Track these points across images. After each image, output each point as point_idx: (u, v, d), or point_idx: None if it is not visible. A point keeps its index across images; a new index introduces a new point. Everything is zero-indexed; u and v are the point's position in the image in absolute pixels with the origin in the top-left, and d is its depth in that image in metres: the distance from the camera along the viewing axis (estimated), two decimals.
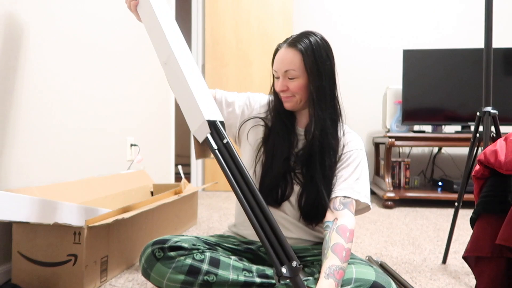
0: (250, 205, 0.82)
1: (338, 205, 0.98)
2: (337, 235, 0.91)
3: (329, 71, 1.03)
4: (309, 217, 1.04)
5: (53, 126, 1.42)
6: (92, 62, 1.68)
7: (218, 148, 0.86)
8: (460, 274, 1.35)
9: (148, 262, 0.95)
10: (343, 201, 0.98)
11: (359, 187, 1.01)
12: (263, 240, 0.80)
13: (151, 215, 1.52)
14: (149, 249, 0.96)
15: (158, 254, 0.95)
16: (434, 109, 2.84)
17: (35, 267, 1.12)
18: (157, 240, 0.98)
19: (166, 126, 2.61)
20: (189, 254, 0.96)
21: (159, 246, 0.96)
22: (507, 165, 0.96)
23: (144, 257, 0.97)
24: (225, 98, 1.14)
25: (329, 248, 0.89)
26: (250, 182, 0.83)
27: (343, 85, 3.48)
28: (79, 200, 1.40)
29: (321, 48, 1.02)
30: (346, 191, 0.99)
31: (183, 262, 0.94)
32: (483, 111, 1.36)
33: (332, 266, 0.85)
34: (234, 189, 0.83)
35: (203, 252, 0.98)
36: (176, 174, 3.41)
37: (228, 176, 0.84)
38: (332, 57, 1.04)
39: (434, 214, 2.44)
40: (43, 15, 1.36)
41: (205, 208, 2.55)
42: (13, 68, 1.23)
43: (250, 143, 1.11)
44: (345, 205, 0.98)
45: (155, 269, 0.94)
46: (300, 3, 3.56)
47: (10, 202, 1.09)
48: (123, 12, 1.94)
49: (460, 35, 3.38)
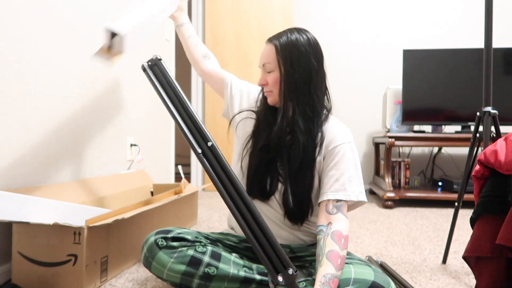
0: (241, 212, 0.81)
1: (331, 208, 0.95)
2: (332, 242, 0.89)
3: (305, 66, 0.99)
4: (292, 216, 1.03)
5: (53, 126, 1.42)
6: (92, 61, 1.68)
7: (203, 151, 0.84)
8: (460, 274, 1.35)
9: (150, 251, 0.95)
10: (336, 205, 0.96)
11: (352, 186, 0.97)
12: (256, 248, 0.78)
13: (151, 215, 1.52)
14: (152, 238, 0.97)
15: (161, 243, 0.95)
16: (434, 109, 2.84)
17: (35, 267, 1.12)
18: (160, 230, 0.98)
19: (166, 126, 2.61)
20: (192, 245, 0.96)
21: (162, 236, 0.96)
22: (507, 165, 0.96)
23: (146, 245, 0.97)
24: (233, 81, 1.21)
25: (324, 255, 0.88)
26: (240, 188, 0.82)
27: (343, 85, 3.48)
28: (79, 200, 1.40)
29: (299, 44, 1.00)
30: (339, 194, 0.96)
31: (185, 252, 0.94)
32: (483, 111, 1.36)
33: (327, 274, 0.84)
34: (222, 196, 0.82)
35: (205, 245, 0.98)
36: (176, 174, 3.41)
37: (215, 182, 0.82)
38: (317, 54, 1.02)
39: (434, 214, 2.44)
40: (42, 15, 1.36)
41: (205, 208, 2.55)
42: (13, 67, 1.23)
43: (238, 135, 1.13)
44: (338, 209, 0.95)
45: (157, 257, 0.94)
46: (300, 3, 3.55)
47: (10, 202, 1.09)
48: (122, 12, 1.94)
49: (460, 35, 3.38)
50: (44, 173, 1.37)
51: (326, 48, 3.46)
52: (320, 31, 3.50)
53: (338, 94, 3.48)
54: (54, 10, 1.42)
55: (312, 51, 1.01)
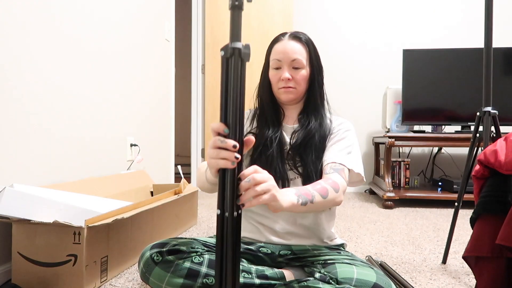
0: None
1: (328, 170, 0.98)
2: (319, 180, 0.94)
3: (321, 66, 1.09)
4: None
5: (53, 126, 1.42)
6: (92, 62, 1.68)
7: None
8: (460, 274, 1.35)
9: (146, 266, 0.95)
10: (334, 167, 0.98)
11: (351, 158, 1.02)
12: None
13: (151, 215, 1.52)
14: (148, 253, 0.96)
15: (157, 258, 0.95)
16: (434, 109, 2.84)
17: (35, 267, 1.12)
18: (155, 244, 0.98)
19: (166, 126, 2.61)
20: (188, 257, 0.96)
21: (158, 250, 0.96)
22: (507, 165, 0.96)
23: (142, 261, 0.96)
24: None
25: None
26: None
27: (343, 85, 3.48)
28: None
29: (314, 45, 1.08)
30: (338, 158, 1.00)
31: (181, 265, 0.94)
32: (483, 111, 1.36)
33: (302, 187, 0.89)
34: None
35: (201, 255, 0.97)
36: (176, 174, 3.41)
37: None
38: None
39: (434, 214, 2.44)
40: (42, 16, 1.36)
41: (205, 208, 2.55)
42: (12, 69, 1.23)
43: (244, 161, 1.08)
44: (336, 170, 0.98)
45: (153, 273, 0.94)
46: (300, 3, 3.55)
47: (15, 199, 1.10)
48: (122, 13, 1.94)
49: (460, 35, 3.37)
50: (44, 173, 1.37)
51: (326, 48, 3.47)
52: (320, 31, 3.50)
53: (338, 94, 3.48)
54: (52, 10, 1.42)
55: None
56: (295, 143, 1.04)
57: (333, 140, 1.05)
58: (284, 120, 1.10)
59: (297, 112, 1.10)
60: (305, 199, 0.85)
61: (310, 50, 1.05)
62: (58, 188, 1.35)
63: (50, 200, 1.18)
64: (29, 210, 1.13)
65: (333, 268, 0.94)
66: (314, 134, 1.03)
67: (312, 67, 1.06)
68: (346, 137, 1.05)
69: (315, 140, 1.03)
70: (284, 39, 1.05)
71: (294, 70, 1.03)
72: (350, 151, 1.03)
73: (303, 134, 1.04)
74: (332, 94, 3.59)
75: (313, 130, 1.04)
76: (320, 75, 1.08)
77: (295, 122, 1.10)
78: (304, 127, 1.05)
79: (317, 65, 1.07)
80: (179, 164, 2.65)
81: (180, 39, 4.45)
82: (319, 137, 1.04)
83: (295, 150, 1.04)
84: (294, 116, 1.10)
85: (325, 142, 1.05)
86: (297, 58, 1.02)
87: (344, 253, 1.06)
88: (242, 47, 0.67)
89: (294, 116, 1.10)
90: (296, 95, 1.06)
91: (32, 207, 1.14)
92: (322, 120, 1.07)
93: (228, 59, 0.67)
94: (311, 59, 1.05)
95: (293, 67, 1.03)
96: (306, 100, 1.09)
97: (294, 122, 1.10)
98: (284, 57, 1.03)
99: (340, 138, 1.05)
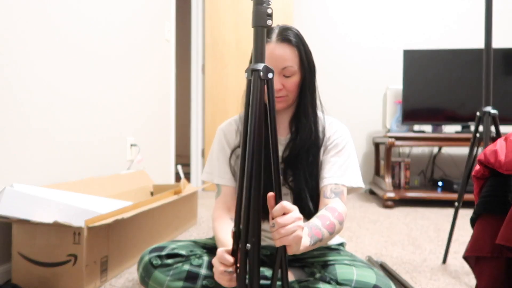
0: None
1: (329, 193, 0.95)
2: (324, 211, 0.89)
3: (314, 64, 0.99)
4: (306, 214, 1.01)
5: (53, 126, 1.42)
6: (93, 62, 1.68)
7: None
8: (460, 274, 1.35)
9: (145, 271, 0.95)
10: (335, 190, 0.95)
11: (351, 172, 0.98)
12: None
13: (151, 215, 1.52)
14: (146, 257, 0.96)
15: (155, 262, 0.94)
16: (434, 109, 2.84)
17: (35, 267, 1.12)
18: (154, 248, 0.98)
19: (166, 126, 2.61)
20: (186, 260, 0.95)
21: (156, 254, 0.95)
22: (507, 165, 0.96)
23: (141, 265, 0.96)
24: (221, 167, 1.04)
25: (315, 216, 0.88)
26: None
27: (343, 85, 3.48)
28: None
29: (304, 40, 0.97)
30: (339, 178, 0.96)
31: (180, 268, 0.93)
32: (483, 111, 1.36)
33: (312, 223, 0.84)
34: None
35: (200, 257, 0.97)
36: (176, 174, 3.41)
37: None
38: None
39: (434, 214, 2.44)
40: (41, 16, 1.36)
41: (205, 208, 2.55)
42: (13, 70, 1.23)
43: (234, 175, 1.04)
44: (336, 194, 0.95)
45: (153, 277, 0.93)
46: (300, 3, 3.55)
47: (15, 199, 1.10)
48: (122, 13, 1.94)
49: (460, 35, 3.37)
50: (44, 173, 1.37)
51: (326, 48, 3.47)
52: (321, 31, 3.50)
53: (338, 93, 3.48)
54: (48, 10, 1.42)
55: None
56: (287, 157, 0.99)
57: (332, 153, 1.00)
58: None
59: (288, 118, 1.03)
60: (316, 239, 0.83)
61: (301, 53, 0.94)
62: (58, 188, 1.35)
63: (50, 200, 1.18)
64: (29, 210, 1.13)
65: (333, 269, 0.93)
66: (306, 147, 0.98)
67: (304, 71, 0.96)
68: (344, 147, 1.00)
69: (307, 154, 0.98)
70: (272, 41, 0.92)
71: (285, 78, 0.94)
72: (349, 164, 0.99)
73: (295, 147, 0.99)
74: (332, 94, 3.60)
75: (305, 141, 0.98)
76: (312, 77, 0.99)
77: (287, 131, 1.03)
78: (294, 139, 0.99)
79: (309, 67, 0.97)
80: (179, 164, 2.65)
81: (180, 39, 4.45)
82: (311, 148, 0.99)
83: (286, 163, 0.99)
84: (285, 123, 1.03)
85: (318, 152, 1.00)
86: (287, 66, 0.92)
87: (344, 253, 1.05)
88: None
89: (285, 123, 1.03)
90: (288, 103, 0.98)
91: (32, 207, 1.14)
92: (315, 126, 1.00)
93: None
94: (302, 62, 0.95)
95: (284, 75, 0.94)
96: (297, 105, 1.01)
97: (285, 132, 1.03)
98: (273, 64, 0.91)
99: (338, 150, 1.00)
